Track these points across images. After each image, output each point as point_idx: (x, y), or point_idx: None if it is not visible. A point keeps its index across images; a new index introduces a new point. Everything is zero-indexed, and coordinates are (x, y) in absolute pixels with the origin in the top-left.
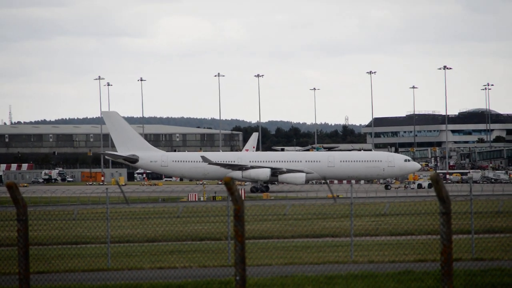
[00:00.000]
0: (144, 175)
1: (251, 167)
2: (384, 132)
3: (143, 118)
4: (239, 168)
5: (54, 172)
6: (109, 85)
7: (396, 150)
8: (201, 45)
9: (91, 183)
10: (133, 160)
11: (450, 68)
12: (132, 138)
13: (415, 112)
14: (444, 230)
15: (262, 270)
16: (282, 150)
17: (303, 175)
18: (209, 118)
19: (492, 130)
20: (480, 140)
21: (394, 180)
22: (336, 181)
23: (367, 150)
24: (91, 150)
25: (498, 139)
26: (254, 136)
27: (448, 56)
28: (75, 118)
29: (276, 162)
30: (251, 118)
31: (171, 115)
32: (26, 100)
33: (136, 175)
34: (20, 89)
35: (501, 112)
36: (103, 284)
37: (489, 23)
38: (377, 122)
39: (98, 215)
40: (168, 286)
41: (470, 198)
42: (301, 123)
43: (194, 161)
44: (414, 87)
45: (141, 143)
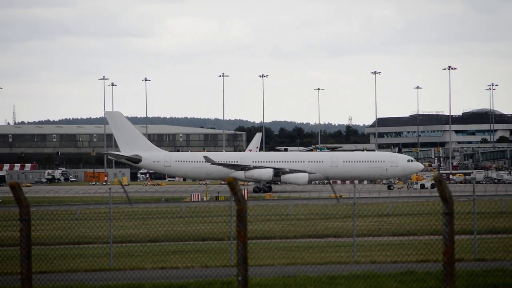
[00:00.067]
0: (147, 175)
1: (254, 167)
2: (388, 132)
3: (146, 118)
4: (242, 168)
5: (57, 172)
6: (113, 85)
7: (399, 150)
8: (205, 45)
9: (94, 183)
10: (136, 160)
11: (455, 68)
12: (135, 138)
13: (419, 113)
14: (446, 231)
15: (264, 270)
16: (286, 150)
17: (306, 175)
18: (212, 118)
19: (495, 131)
20: (484, 141)
21: (397, 181)
22: (339, 181)
23: (370, 151)
24: (95, 150)
25: (502, 140)
26: (258, 136)
27: (452, 56)
28: (79, 118)
29: (279, 162)
30: (255, 118)
31: (174, 115)
32: (29, 100)
33: (139, 175)
34: (24, 89)
35: (504, 113)
36: (105, 284)
37: (493, 23)
38: (380, 122)
39: (101, 215)
40: (170, 286)
41: (473, 199)
42: (304, 123)
43: (197, 161)
44: (418, 87)
45: (144, 143)
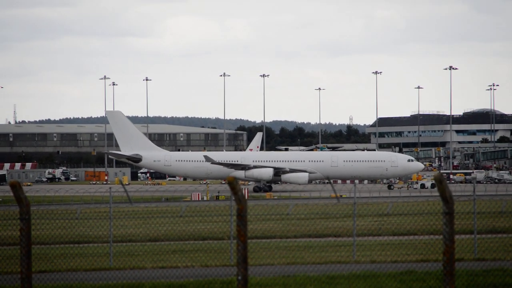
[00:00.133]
0: (147, 174)
1: (254, 167)
2: (389, 132)
3: (147, 118)
4: (242, 167)
5: (58, 171)
6: (114, 84)
7: (400, 150)
8: (206, 45)
9: (94, 183)
10: (136, 159)
11: (456, 68)
12: (135, 138)
13: (420, 112)
14: (446, 230)
15: (264, 269)
16: (286, 150)
17: (306, 174)
18: (213, 118)
19: (496, 131)
20: (484, 140)
21: (398, 180)
22: (339, 181)
23: (371, 150)
24: (95, 149)
25: (503, 140)
26: (258, 136)
27: (453, 56)
28: (80, 117)
29: (279, 162)
30: (256, 117)
31: (175, 115)
32: (30, 100)
33: (139, 174)
34: (24, 88)
35: (505, 113)
36: (105, 284)
37: (494, 23)
38: (381, 122)
39: (101, 214)
40: (170, 286)
41: (473, 198)
42: (305, 123)
43: (197, 160)
44: (419, 87)
45: (144, 142)
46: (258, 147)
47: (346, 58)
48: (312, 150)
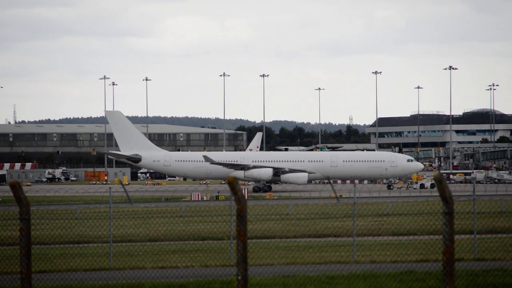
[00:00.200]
0: (147, 174)
1: (254, 167)
2: (388, 132)
3: (147, 118)
4: (242, 167)
5: (58, 171)
6: (114, 84)
7: (400, 150)
8: (205, 45)
9: (94, 183)
10: (136, 159)
11: (456, 68)
12: (135, 138)
13: (420, 112)
14: (446, 230)
15: (264, 269)
16: (286, 150)
17: (306, 175)
18: (213, 118)
19: (496, 131)
20: (484, 141)
21: (398, 180)
22: (339, 181)
23: (371, 150)
24: (95, 149)
25: (502, 140)
26: (258, 136)
27: (452, 56)
28: (79, 117)
29: (279, 162)
30: (255, 117)
31: (175, 115)
32: (30, 100)
33: (139, 174)
34: (24, 88)
35: (505, 113)
36: (105, 284)
37: (494, 23)
38: (381, 122)
39: (101, 215)
40: (170, 286)
41: (473, 198)
42: (305, 123)
43: (197, 160)
44: (418, 87)
45: (144, 142)
46: (258, 147)
47: (346, 58)
48: (312, 150)
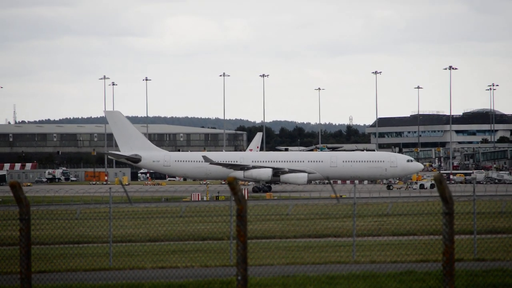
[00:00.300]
0: (147, 175)
1: (253, 167)
2: (388, 132)
3: (147, 118)
4: (241, 168)
5: (58, 172)
6: (113, 84)
7: (400, 150)
8: (205, 45)
9: (94, 183)
10: (135, 160)
11: (456, 68)
12: (134, 138)
13: (420, 112)
14: (446, 230)
15: (264, 270)
16: (286, 150)
17: (305, 175)
18: (213, 118)
19: (496, 131)
20: (484, 141)
21: (398, 180)
22: (339, 181)
23: (371, 150)
24: (95, 149)
25: (502, 140)
26: (258, 136)
27: (452, 56)
28: (79, 117)
29: (279, 162)
30: (255, 118)
31: (175, 115)
32: (30, 100)
33: (139, 174)
34: (24, 88)
35: (505, 113)
36: (105, 284)
37: (493, 23)
38: (381, 122)
39: (101, 215)
40: (170, 286)
41: (473, 199)
42: (305, 123)
43: (197, 161)
44: (418, 87)
45: (143, 142)
46: (258, 147)
47: (345, 58)
48: (312, 150)
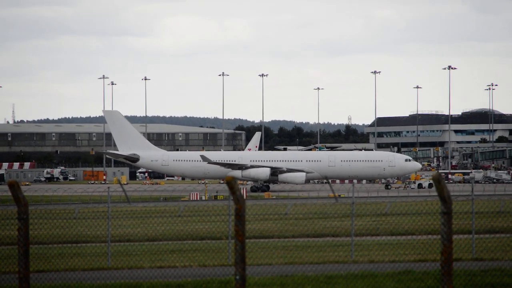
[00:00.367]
0: (146, 174)
1: (251, 167)
2: (387, 132)
3: (146, 117)
4: (239, 167)
5: (56, 171)
6: (112, 84)
7: (398, 150)
8: (205, 44)
9: (93, 182)
10: (134, 159)
11: (455, 68)
12: (133, 137)
13: (418, 112)
14: (444, 230)
15: (262, 269)
16: (285, 149)
17: (303, 174)
18: (212, 118)
19: (495, 130)
20: (483, 140)
21: (396, 180)
22: (338, 180)
23: (369, 150)
24: (94, 149)
25: (501, 139)
26: (257, 136)
27: (451, 56)
28: (78, 117)
29: (277, 161)
30: (254, 117)
31: (174, 114)
32: (29, 99)
33: (138, 174)
34: (23, 88)
35: (504, 112)
36: (103, 283)
37: (493, 23)
38: (380, 122)
39: (99, 214)
40: (168, 286)
41: (472, 198)
42: (304, 122)
43: (195, 160)
44: (417, 87)
45: (142, 142)
46: (256, 146)
47: (345, 58)
48: (310, 150)
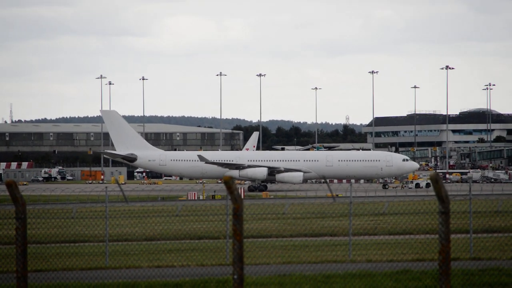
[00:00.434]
0: (144, 174)
1: (248, 166)
2: (385, 131)
3: (144, 117)
4: (236, 167)
5: (54, 171)
6: (110, 84)
7: (396, 149)
8: (203, 44)
9: (90, 182)
10: (131, 159)
11: (453, 68)
12: (130, 137)
13: (416, 112)
14: (442, 230)
15: (260, 269)
16: (283, 149)
17: (301, 174)
18: (210, 117)
19: (492, 130)
20: (481, 140)
21: (394, 180)
22: (335, 180)
23: (367, 150)
24: (91, 148)
25: (499, 139)
26: (255, 136)
27: (449, 55)
28: (76, 116)
29: (274, 161)
30: (252, 117)
31: (172, 114)
32: (27, 99)
33: (136, 173)
34: (21, 87)
35: (502, 112)
36: (101, 283)
37: (491, 23)
38: (378, 121)
39: (97, 214)
40: (166, 285)
41: (469, 198)
42: (301, 122)
43: (192, 160)
44: (415, 87)
45: (139, 142)
46: (254, 146)
47: (343, 57)
48: (308, 149)
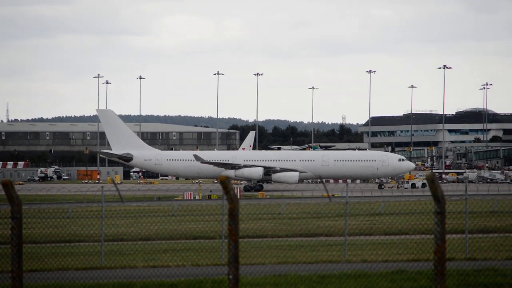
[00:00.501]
0: (140, 173)
1: (244, 166)
2: (381, 131)
3: (140, 117)
4: (232, 167)
5: (50, 170)
6: (107, 83)
7: (392, 149)
8: (200, 43)
9: (87, 182)
10: (127, 158)
11: (450, 68)
12: (126, 137)
13: (412, 112)
14: (438, 230)
15: (256, 269)
16: (279, 149)
17: (296, 174)
18: (206, 117)
19: (489, 130)
20: (477, 140)
21: (390, 180)
22: (332, 180)
23: (363, 150)
24: (88, 148)
25: (495, 139)
26: (251, 135)
27: (446, 55)
28: (72, 116)
29: (270, 161)
30: (248, 116)
31: (168, 114)
32: (23, 98)
33: (132, 173)
34: (17, 87)
35: (498, 112)
36: (96, 283)
37: (488, 22)
38: (374, 121)
39: (93, 213)
40: (161, 285)
41: (465, 198)
42: (298, 122)
43: (188, 159)
44: (412, 86)
45: (135, 141)
46: (250, 146)
47: (339, 57)
48: (304, 149)
